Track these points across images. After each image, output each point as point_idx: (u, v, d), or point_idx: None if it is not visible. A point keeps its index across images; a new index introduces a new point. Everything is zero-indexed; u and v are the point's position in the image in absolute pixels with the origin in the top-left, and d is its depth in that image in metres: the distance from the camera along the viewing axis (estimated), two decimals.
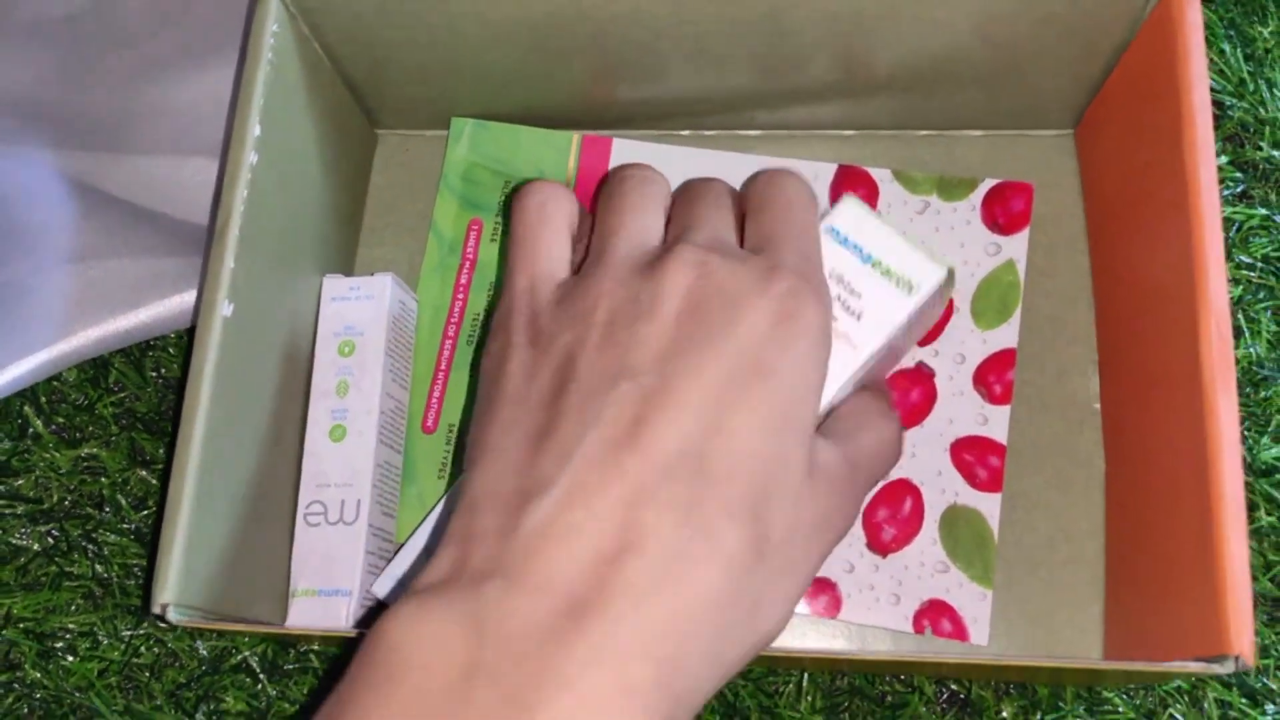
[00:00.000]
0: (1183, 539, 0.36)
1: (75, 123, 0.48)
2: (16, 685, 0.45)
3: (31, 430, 0.48)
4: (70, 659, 0.46)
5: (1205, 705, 0.43)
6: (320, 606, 0.42)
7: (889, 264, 0.37)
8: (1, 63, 0.47)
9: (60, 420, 0.48)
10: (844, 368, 0.36)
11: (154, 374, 0.49)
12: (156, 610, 0.35)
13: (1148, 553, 0.40)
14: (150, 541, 0.47)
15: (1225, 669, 0.32)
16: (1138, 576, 0.41)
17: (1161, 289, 0.39)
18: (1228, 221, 0.48)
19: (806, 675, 0.44)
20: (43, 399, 0.49)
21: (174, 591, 0.35)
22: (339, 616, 0.42)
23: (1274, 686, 0.43)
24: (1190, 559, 0.35)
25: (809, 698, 0.44)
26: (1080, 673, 0.36)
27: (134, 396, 0.49)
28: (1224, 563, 0.33)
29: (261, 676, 0.45)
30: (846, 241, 0.37)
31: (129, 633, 0.46)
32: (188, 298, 0.47)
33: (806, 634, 0.44)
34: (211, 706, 0.45)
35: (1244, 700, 0.43)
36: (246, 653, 0.45)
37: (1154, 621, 0.38)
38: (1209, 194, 0.37)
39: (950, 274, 0.37)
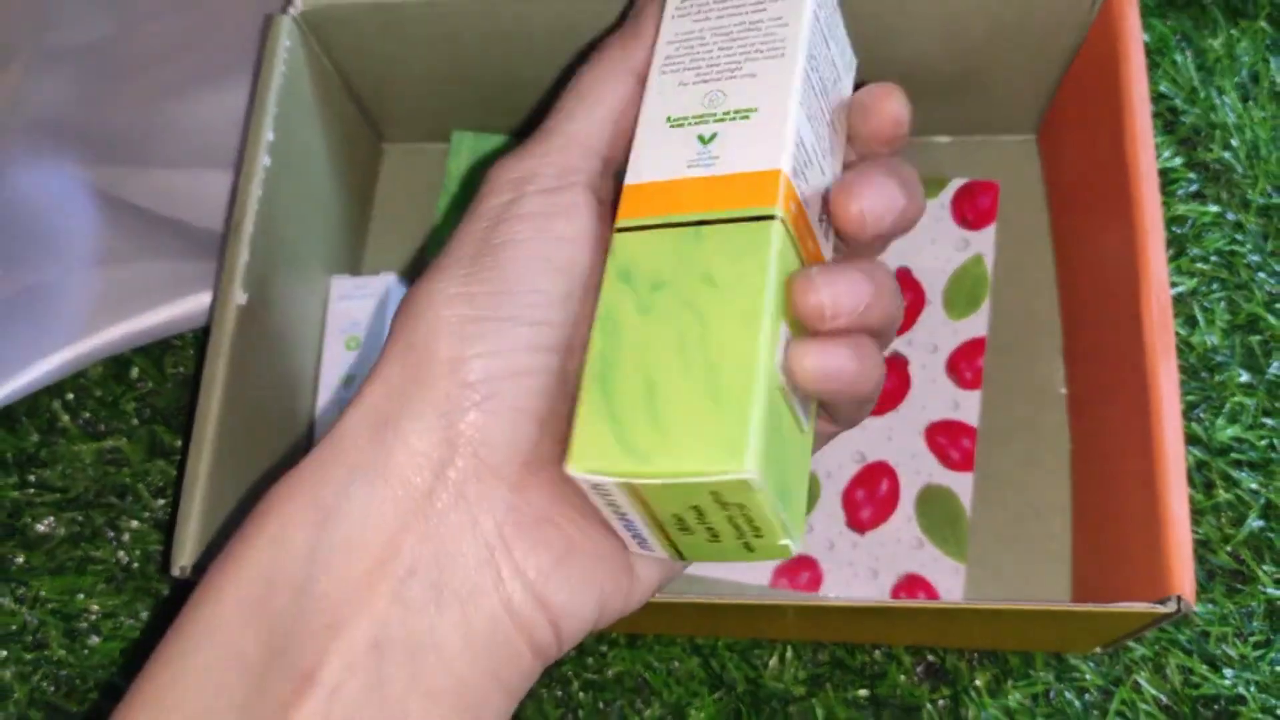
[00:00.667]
0: (1132, 499, 0.39)
1: (101, 138, 0.51)
2: (43, 663, 0.48)
3: (59, 424, 0.51)
4: (94, 639, 0.48)
5: (1168, 671, 0.45)
6: None
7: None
8: (34, 83, 0.50)
9: (85, 414, 0.52)
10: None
11: (173, 370, 0.52)
12: (175, 572, 0.38)
13: (1105, 519, 0.43)
14: (169, 527, 0.50)
15: (1169, 608, 0.35)
16: (1098, 544, 0.44)
17: (1111, 271, 0.42)
18: (1182, 219, 0.51)
19: (790, 648, 0.46)
20: (69, 394, 0.52)
21: (191, 555, 0.38)
22: None
23: (1233, 653, 0.45)
24: (1138, 517, 0.38)
25: (792, 669, 0.46)
26: (1044, 616, 0.38)
27: (154, 392, 0.52)
28: (1165, 513, 0.36)
29: None
30: None
31: (149, 614, 0.48)
32: (204, 298, 0.50)
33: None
34: None
35: (1205, 666, 0.45)
36: None
37: (1112, 579, 0.41)
38: (1148, 179, 0.40)
39: None
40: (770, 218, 0.28)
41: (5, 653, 0.48)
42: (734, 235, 0.28)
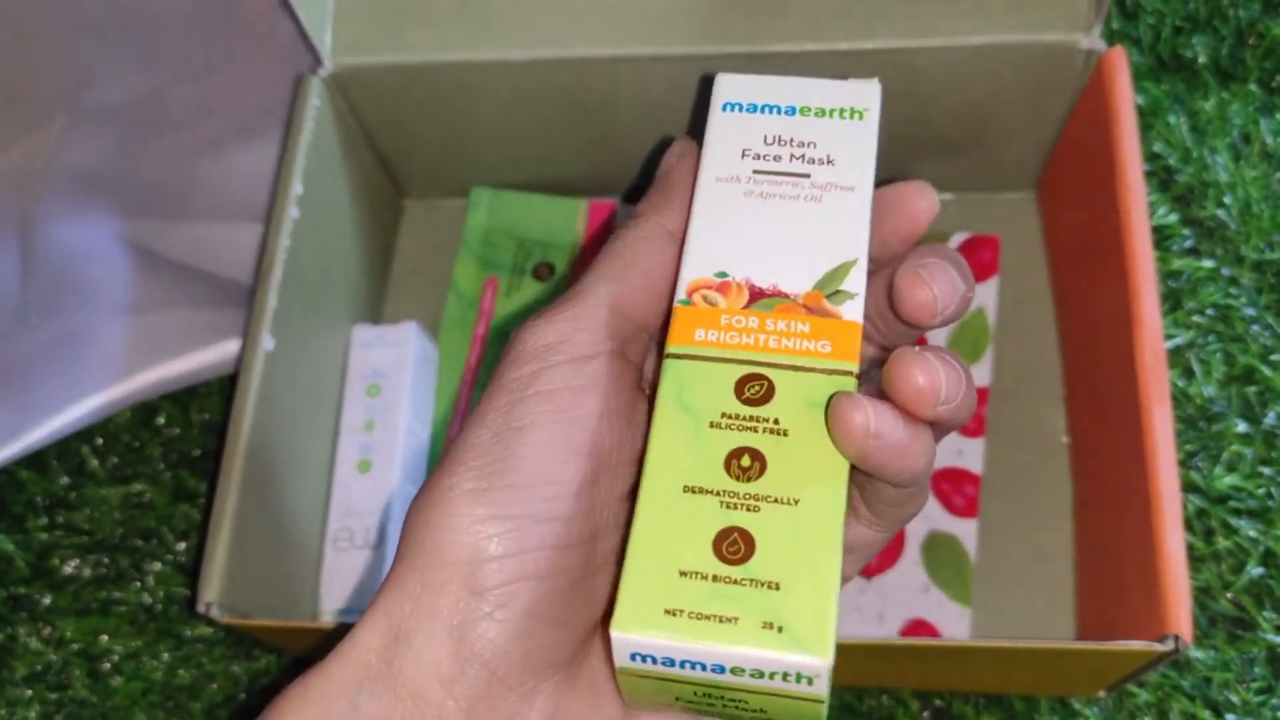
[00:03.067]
0: (1131, 542, 0.40)
1: (135, 192, 0.53)
2: (67, 703, 0.49)
3: (88, 468, 0.53)
4: (117, 679, 0.49)
5: (1172, 717, 0.46)
6: (347, 625, 0.46)
7: (820, 103, 0.30)
8: (72, 139, 0.52)
9: (114, 459, 0.53)
10: (857, 213, 0.28)
11: (198, 416, 0.54)
12: (201, 609, 0.39)
13: (1106, 563, 0.44)
14: (192, 570, 0.51)
15: (1167, 647, 0.36)
16: (1099, 587, 0.45)
17: (1108, 322, 0.44)
18: (1178, 273, 0.53)
19: None
20: (98, 439, 0.53)
21: (217, 592, 0.39)
22: None
23: (1235, 699, 0.46)
24: (1137, 560, 0.39)
25: None
26: (1046, 655, 0.39)
27: (180, 438, 0.53)
28: (1162, 554, 0.37)
29: None
30: (756, 106, 0.30)
31: (170, 655, 0.50)
32: (231, 346, 0.52)
33: None
34: None
35: (1208, 711, 0.46)
36: (279, 674, 0.49)
37: (1113, 621, 0.42)
38: (1141, 233, 0.41)
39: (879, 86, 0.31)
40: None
41: (30, 692, 0.49)
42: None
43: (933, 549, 0.48)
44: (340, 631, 0.41)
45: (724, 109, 0.30)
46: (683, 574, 0.24)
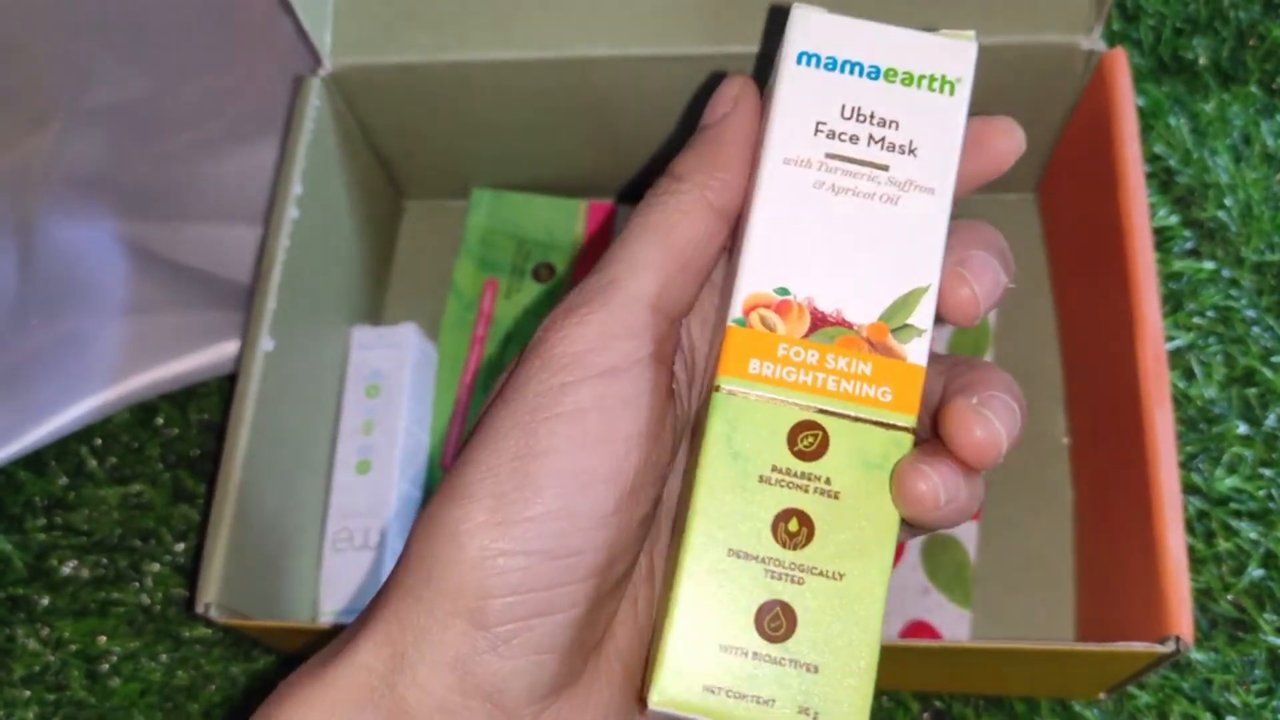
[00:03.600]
0: (1132, 544, 0.40)
1: (134, 193, 0.53)
2: (65, 704, 0.49)
3: (86, 469, 0.53)
4: (115, 680, 0.49)
5: (1172, 718, 0.45)
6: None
7: (909, 66, 0.26)
8: (71, 140, 0.52)
9: (112, 460, 0.53)
10: (933, 226, 0.25)
11: (197, 417, 0.54)
12: (200, 609, 0.39)
13: (1106, 565, 0.44)
14: (191, 571, 0.51)
15: (1168, 648, 0.36)
16: (1099, 589, 0.44)
17: (1108, 323, 0.44)
18: (1179, 275, 0.53)
19: None
20: (97, 439, 0.53)
21: (215, 592, 0.39)
22: None
23: (1236, 701, 0.46)
24: (1138, 561, 0.39)
25: None
26: (1046, 656, 0.39)
27: (178, 438, 0.53)
28: (1163, 555, 0.37)
29: None
30: (836, 62, 0.26)
31: (168, 656, 0.49)
32: (229, 347, 0.52)
33: None
34: None
35: (1208, 713, 0.45)
36: (277, 675, 0.49)
37: (1113, 623, 0.42)
38: (1142, 234, 0.41)
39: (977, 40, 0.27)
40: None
41: (28, 693, 0.49)
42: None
43: (933, 551, 0.48)
44: (338, 634, 0.41)
45: (799, 60, 0.26)
46: (724, 648, 0.23)
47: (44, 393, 0.50)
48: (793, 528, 0.24)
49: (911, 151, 0.25)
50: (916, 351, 0.24)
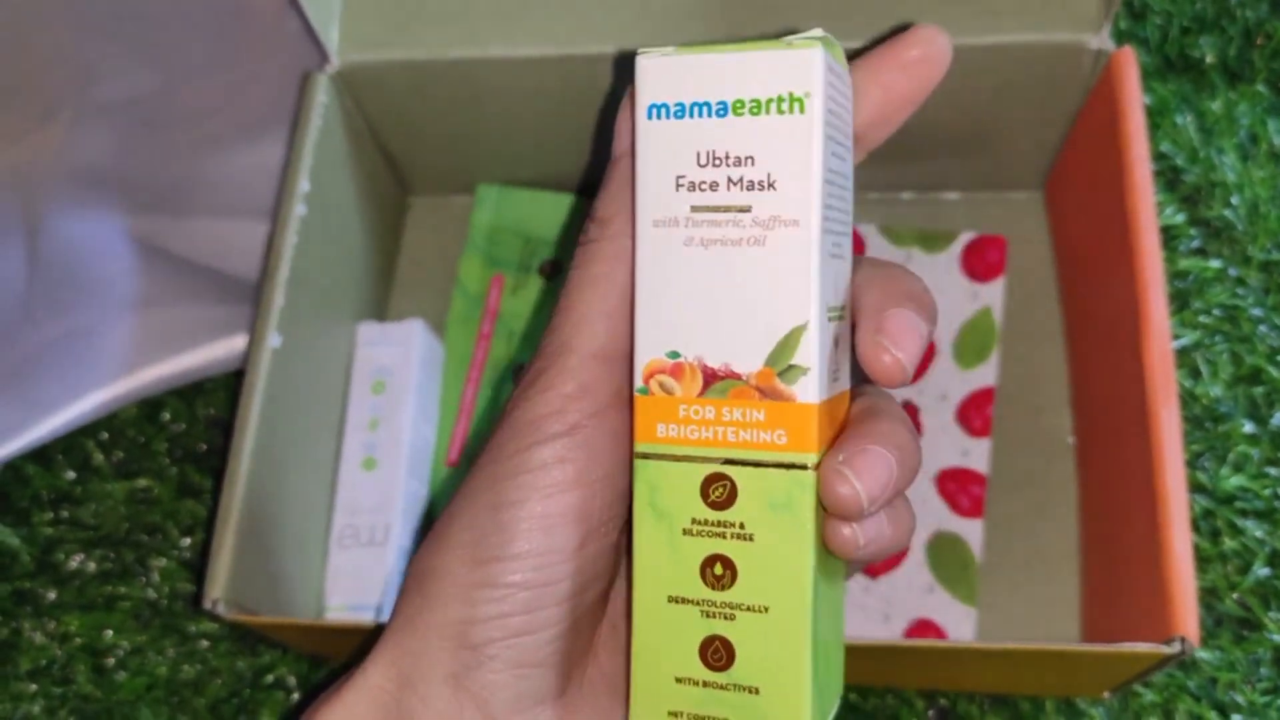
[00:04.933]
0: (1137, 543, 0.40)
1: (141, 188, 0.53)
2: (71, 697, 0.49)
3: (93, 463, 0.53)
4: (121, 674, 0.49)
5: (1177, 718, 0.45)
6: (350, 621, 0.46)
7: (754, 92, 0.25)
8: (78, 135, 0.52)
9: (119, 454, 0.53)
10: (803, 260, 0.25)
11: (204, 412, 0.54)
12: (208, 605, 0.39)
13: (1112, 564, 0.44)
14: (198, 566, 0.51)
15: (1173, 649, 0.36)
16: (1105, 588, 0.44)
17: (1115, 321, 0.44)
18: (1185, 273, 0.53)
19: None
20: (103, 434, 0.53)
21: (222, 588, 0.39)
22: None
23: (1241, 700, 0.46)
24: (1143, 560, 0.39)
25: None
26: (1052, 657, 0.39)
27: (185, 433, 0.53)
28: (1169, 555, 0.37)
29: (296, 693, 0.49)
30: (684, 108, 0.26)
31: (174, 651, 0.50)
32: (236, 343, 0.52)
33: None
34: None
35: (1214, 712, 0.45)
36: (282, 670, 0.49)
37: (1119, 622, 0.42)
38: (1149, 232, 0.41)
39: (826, 40, 0.26)
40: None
41: (34, 687, 0.49)
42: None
43: (938, 549, 0.48)
44: (345, 630, 0.41)
45: (650, 115, 0.26)
46: (678, 680, 0.27)
47: (51, 387, 0.50)
48: (718, 571, 0.26)
49: (771, 185, 0.25)
50: (806, 390, 0.25)
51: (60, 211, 0.52)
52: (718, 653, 0.26)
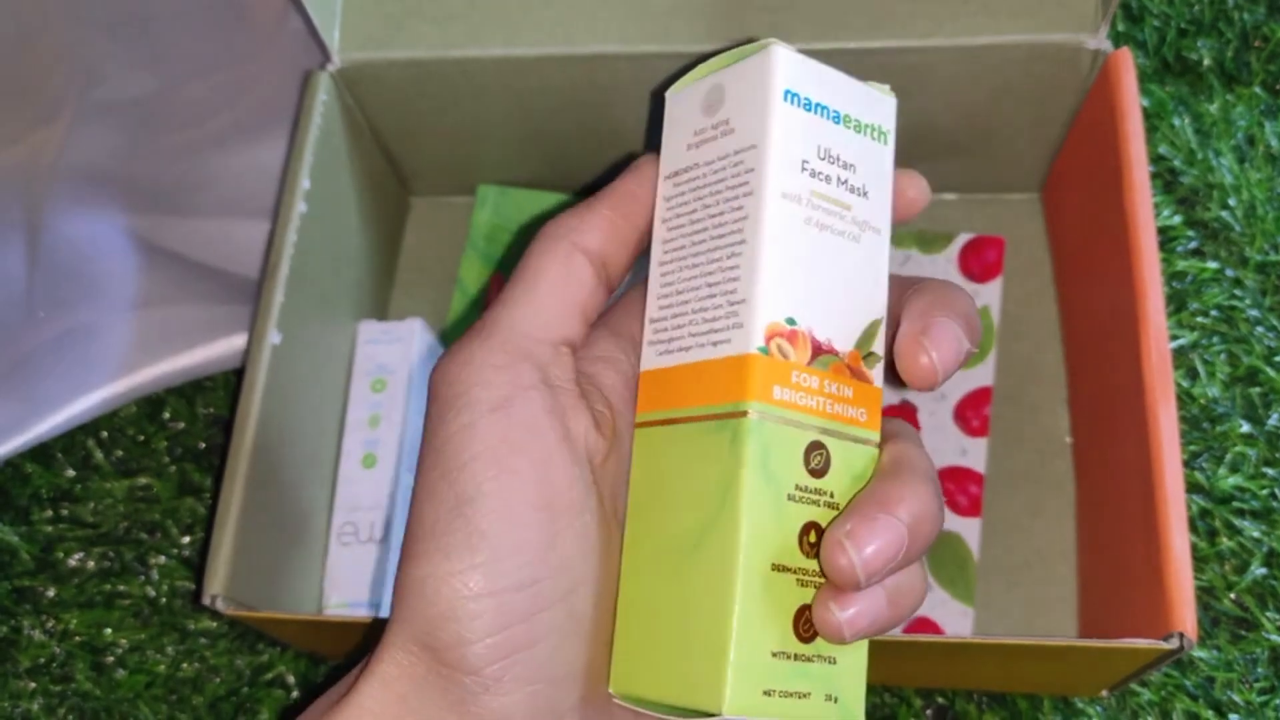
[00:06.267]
0: (1135, 541, 0.40)
1: (142, 187, 0.53)
2: (70, 695, 0.49)
3: (93, 461, 0.53)
4: (120, 672, 0.49)
5: (1174, 717, 0.46)
6: (349, 617, 0.46)
7: (858, 114, 0.28)
8: (80, 135, 0.52)
9: (119, 452, 0.53)
10: (881, 263, 0.28)
11: (204, 411, 0.54)
12: (207, 601, 0.39)
13: (1109, 562, 0.44)
14: (197, 564, 0.51)
15: (1171, 645, 0.36)
16: (1102, 586, 0.45)
17: (1112, 321, 0.44)
18: (1182, 274, 0.53)
19: None
20: (103, 432, 0.53)
21: (222, 584, 0.39)
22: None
23: (1238, 699, 0.46)
24: (1141, 558, 0.39)
25: None
26: (1049, 652, 0.39)
27: (185, 431, 0.53)
28: (1166, 552, 0.37)
29: (295, 691, 0.49)
30: (811, 104, 0.28)
31: (174, 649, 0.50)
32: (236, 341, 0.52)
33: None
34: (248, 718, 0.48)
35: (1210, 711, 0.46)
36: (282, 668, 0.49)
37: (1116, 620, 0.42)
38: (1147, 232, 0.41)
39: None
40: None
41: (34, 684, 0.49)
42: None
43: (936, 548, 0.48)
44: (344, 625, 0.41)
45: (785, 98, 0.27)
46: (774, 654, 0.26)
47: (51, 385, 0.50)
48: (811, 539, 0.26)
49: (864, 194, 0.28)
50: (878, 376, 0.28)
51: (61, 210, 0.52)
52: (807, 623, 0.26)
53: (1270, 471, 0.49)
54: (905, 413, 0.50)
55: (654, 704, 0.26)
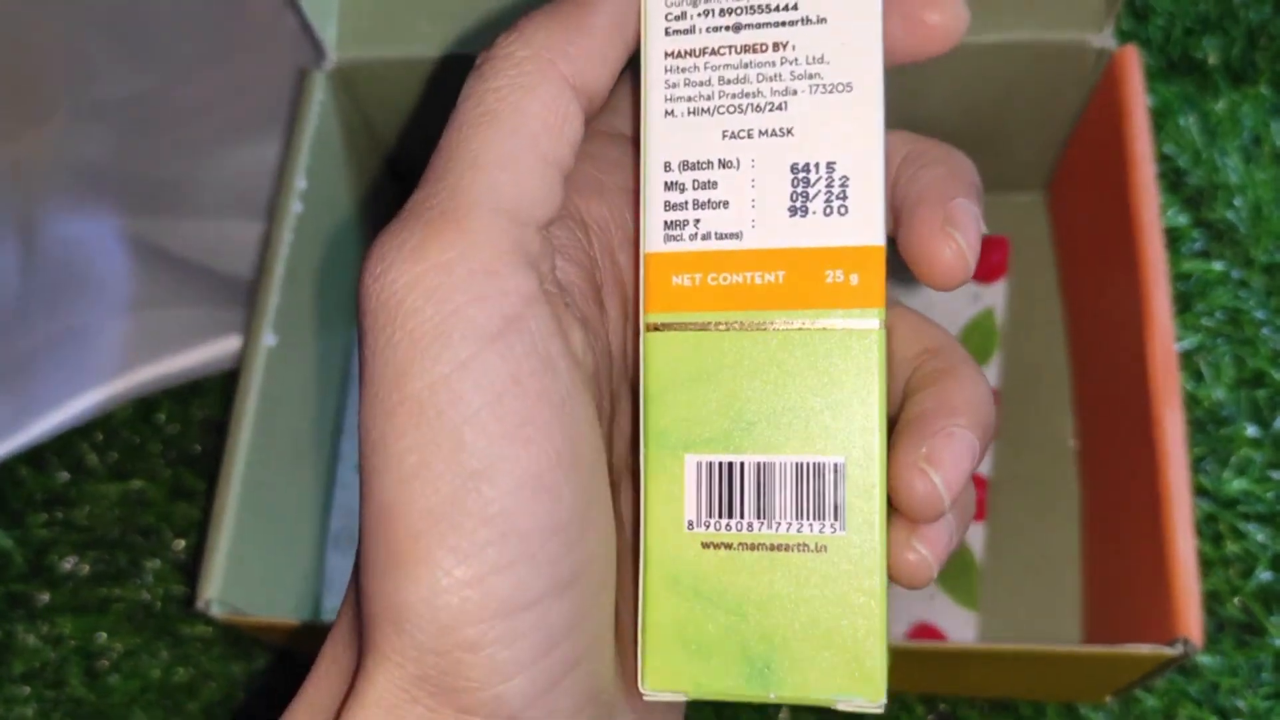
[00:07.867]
0: (1140, 545, 0.39)
1: (136, 187, 0.53)
2: (64, 700, 0.48)
3: (86, 464, 0.52)
4: (114, 677, 0.49)
5: None
6: None
7: None
8: (75, 135, 0.52)
9: (113, 455, 0.53)
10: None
11: (199, 414, 0.53)
12: (200, 605, 0.39)
13: (1114, 567, 0.43)
14: (191, 568, 0.50)
15: (1176, 650, 0.35)
16: (1107, 592, 0.44)
17: (1118, 323, 0.43)
18: (1188, 275, 0.52)
19: None
20: (98, 435, 0.53)
21: (216, 589, 0.39)
22: None
23: (1243, 705, 0.45)
24: (1146, 563, 0.39)
25: (803, 717, 0.46)
26: (1053, 659, 0.39)
27: (180, 435, 0.53)
28: (1172, 556, 0.36)
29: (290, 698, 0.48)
30: None
31: (168, 654, 0.49)
32: (232, 343, 0.51)
33: None
34: None
35: (1215, 717, 0.45)
36: (277, 674, 0.48)
37: (1121, 625, 0.41)
38: (1153, 233, 0.41)
39: None
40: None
41: (27, 690, 0.49)
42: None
43: None
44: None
45: None
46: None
47: (45, 387, 0.50)
48: None
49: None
50: None
51: (55, 210, 0.51)
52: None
53: (1276, 475, 0.48)
54: None
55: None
